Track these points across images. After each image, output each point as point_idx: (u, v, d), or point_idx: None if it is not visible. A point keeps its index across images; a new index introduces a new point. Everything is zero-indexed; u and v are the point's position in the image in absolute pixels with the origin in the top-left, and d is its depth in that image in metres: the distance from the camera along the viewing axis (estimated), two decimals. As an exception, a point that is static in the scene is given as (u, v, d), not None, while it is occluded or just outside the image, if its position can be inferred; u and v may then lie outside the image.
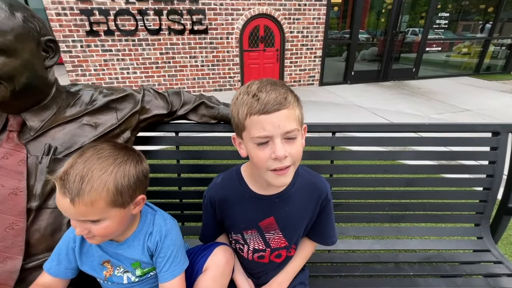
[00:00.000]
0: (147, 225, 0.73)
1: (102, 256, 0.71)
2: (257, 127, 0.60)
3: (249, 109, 0.60)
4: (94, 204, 0.57)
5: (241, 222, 0.78)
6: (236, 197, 0.76)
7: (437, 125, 1.06)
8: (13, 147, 0.74)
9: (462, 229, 1.18)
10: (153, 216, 0.75)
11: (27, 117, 0.76)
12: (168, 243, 0.71)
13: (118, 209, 0.61)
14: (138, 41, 5.11)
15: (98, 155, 0.61)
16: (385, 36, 6.38)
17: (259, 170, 0.66)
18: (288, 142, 0.62)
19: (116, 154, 0.63)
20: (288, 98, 0.61)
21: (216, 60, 5.61)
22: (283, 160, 0.61)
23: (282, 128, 0.59)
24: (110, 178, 0.59)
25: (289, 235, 0.79)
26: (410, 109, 4.56)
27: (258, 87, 0.61)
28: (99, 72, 5.21)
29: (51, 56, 0.76)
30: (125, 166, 0.62)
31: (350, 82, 6.44)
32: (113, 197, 0.59)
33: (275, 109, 0.58)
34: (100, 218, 0.59)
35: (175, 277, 0.70)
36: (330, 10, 5.71)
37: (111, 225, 0.61)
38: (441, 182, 1.13)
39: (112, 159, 0.61)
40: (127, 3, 4.80)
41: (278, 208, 0.75)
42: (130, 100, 0.94)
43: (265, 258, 0.81)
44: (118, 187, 0.60)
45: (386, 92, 5.74)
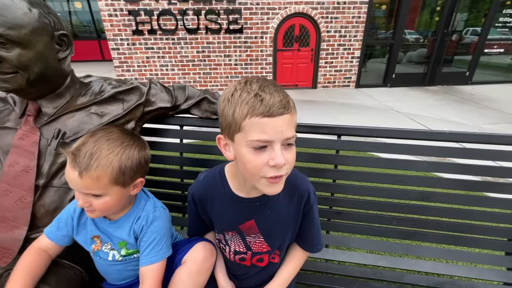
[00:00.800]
0: (138, 209, 0.77)
1: (94, 231, 0.77)
2: (257, 130, 0.55)
3: (251, 109, 0.54)
4: (99, 179, 0.64)
5: (222, 223, 0.76)
6: (217, 197, 0.74)
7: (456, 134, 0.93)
8: (29, 129, 0.83)
9: (489, 257, 1.02)
10: (146, 202, 0.79)
11: (43, 103, 0.85)
12: (152, 229, 0.74)
13: (119, 188, 0.68)
14: (177, 39, 5.40)
15: (107, 136, 0.68)
16: (435, 36, 5.81)
17: (251, 176, 0.61)
18: (286, 148, 0.58)
19: (124, 138, 0.70)
20: (290, 102, 0.58)
21: (249, 59, 5.67)
22: (280, 169, 0.57)
23: (284, 134, 0.55)
24: (115, 158, 0.66)
25: (271, 240, 0.75)
26: (457, 117, 4.09)
27: (259, 86, 0.56)
28: (142, 68, 5.63)
29: (63, 49, 0.84)
30: (130, 150, 0.69)
31: (390, 85, 6.01)
32: (116, 176, 0.66)
33: (280, 112, 0.54)
34: (102, 193, 0.66)
35: (153, 263, 0.72)
36: (372, 8, 5.38)
37: (110, 201, 0.68)
38: (462, 199, 0.99)
39: (119, 142, 0.69)
40: (169, 4, 5.10)
41: (258, 212, 0.72)
42: (136, 92, 0.99)
43: (247, 261, 0.79)
44: (121, 167, 0.66)
45: (430, 97, 5.23)
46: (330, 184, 1.06)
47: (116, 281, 0.82)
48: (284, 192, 0.71)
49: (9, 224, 0.78)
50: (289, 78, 5.98)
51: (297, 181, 0.74)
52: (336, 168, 1.05)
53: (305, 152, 1.04)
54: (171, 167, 1.17)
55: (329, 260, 1.07)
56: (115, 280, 0.82)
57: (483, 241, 1.01)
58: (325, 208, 1.09)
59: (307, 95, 5.56)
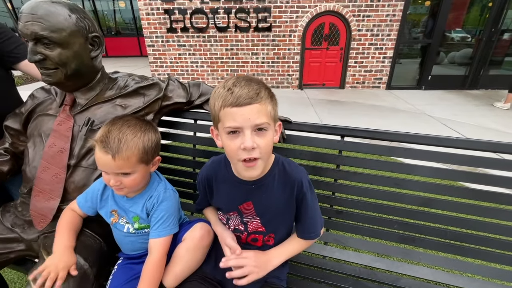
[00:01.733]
0: (152, 189, 0.89)
1: (113, 206, 0.90)
2: (229, 119, 0.65)
3: (223, 101, 0.65)
4: (129, 159, 0.76)
5: (224, 203, 0.85)
6: (221, 179, 0.84)
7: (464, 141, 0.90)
8: (66, 117, 0.98)
9: (496, 271, 0.98)
10: (158, 184, 0.91)
11: (77, 95, 0.99)
12: (162, 208, 0.85)
13: (143, 165, 0.81)
14: (207, 37, 5.60)
15: (127, 124, 0.81)
16: (481, 35, 5.32)
17: (232, 159, 0.72)
18: (258, 134, 0.66)
19: (140, 124, 0.83)
20: (261, 94, 0.65)
21: (276, 58, 5.70)
22: (251, 152, 0.65)
23: (252, 121, 0.64)
24: (139, 141, 0.79)
25: (267, 222, 0.83)
26: (497, 125, 3.75)
27: (233, 82, 0.66)
28: (174, 65, 5.94)
29: (95, 49, 0.97)
30: (148, 133, 0.82)
31: (424, 88, 5.65)
32: (142, 155, 0.79)
33: (247, 102, 0.63)
34: (131, 171, 0.78)
35: (160, 237, 0.83)
36: (408, 5, 5.09)
37: (137, 177, 0.81)
38: (469, 209, 0.96)
39: (138, 127, 0.81)
40: (202, 3, 5.30)
41: (255, 194, 0.80)
42: (156, 87, 1.10)
43: (242, 239, 0.87)
44: (145, 148, 0.80)
45: (469, 102, 4.83)
46: (332, 183, 1.09)
47: (129, 251, 0.94)
48: (278, 179, 0.80)
49: (46, 195, 0.94)
50: (316, 77, 5.90)
51: (291, 170, 0.81)
52: (338, 168, 1.07)
53: (307, 150, 1.08)
54: (185, 157, 1.28)
55: (326, 257, 1.10)
56: (128, 250, 0.94)
57: (490, 254, 0.97)
58: (326, 207, 1.12)
59: (334, 95, 5.45)
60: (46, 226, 0.94)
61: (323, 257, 1.11)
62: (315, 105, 4.79)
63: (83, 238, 0.90)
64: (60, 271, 0.74)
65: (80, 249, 0.86)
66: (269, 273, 0.89)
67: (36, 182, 0.94)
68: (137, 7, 5.51)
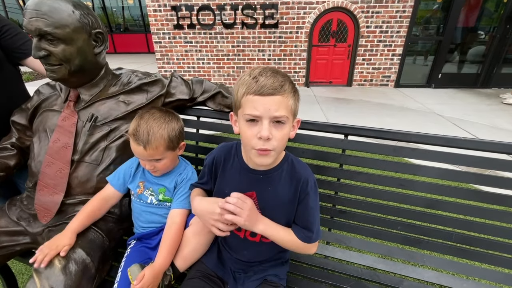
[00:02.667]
0: (181, 169, 1.00)
1: (142, 178, 0.98)
2: (250, 106, 0.65)
3: (247, 88, 0.65)
4: (158, 148, 0.86)
5: (227, 187, 0.83)
6: (229, 162, 0.84)
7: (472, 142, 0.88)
8: (70, 113, 0.99)
9: (503, 275, 0.95)
10: (186, 166, 1.02)
11: (82, 91, 1.00)
12: (187, 185, 0.95)
13: (171, 152, 0.92)
14: (214, 34, 5.59)
15: (153, 117, 0.89)
16: (495, 32, 5.16)
17: (245, 146, 0.73)
18: (275, 126, 0.67)
19: (165, 116, 0.91)
20: (285, 87, 0.66)
21: (283, 55, 5.65)
22: (266, 142, 0.66)
23: (272, 112, 0.64)
24: (165, 132, 0.88)
25: (267, 216, 0.80)
26: (510, 125, 3.64)
27: (260, 71, 0.67)
28: (180, 61, 5.95)
29: (99, 45, 0.97)
30: (171, 123, 0.91)
31: (434, 86, 5.51)
32: (168, 143, 0.89)
33: (270, 93, 0.64)
34: (161, 157, 0.89)
35: (180, 208, 0.92)
36: (419, 1, 4.96)
37: (168, 161, 0.92)
38: (477, 212, 0.93)
39: (163, 119, 0.90)
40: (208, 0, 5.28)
41: (261, 185, 0.79)
42: (159, 84, 1.10)
43: (241, 232, 0.85)
44: (170, 137, 0.89)
45: (482, 101, 4.70)
46: (335, 183, 1.07)
47: (145, 224, 0.98)
48: (285, 174, 0.79)
49: (50, 189, 0.95)
50: (323, 74, 5.83)
51: (298, 167, 0.80)
52: (341, 167, 1.06)
53: (311, 149, 1.06)
54: (187, 154, 1.28)
55: (328, 257, 1.09)
56: (144, 222, 0.98)
57: (497, 258, 0.94)
58: (328, 206, 1.10)
59: (341, 92, 5.37)
60: (51, 220, 0.95)
61: (324, 256, 1.10)
62: (321, 103, 4.74)
63: (86, 232, 0.91)
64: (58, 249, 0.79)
65: (84, 243, 0.87)
66: (268, 271, 0.88)
67: (41, 177, 0.96)
68: (145, 3, 5.53)
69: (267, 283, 0.84)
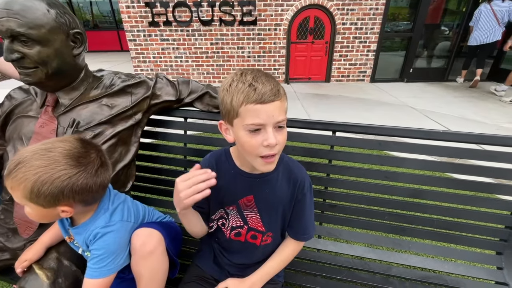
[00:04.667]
0: (92, 222, 0.75)
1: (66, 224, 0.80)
2: (252, 115, 0.64)
3: (246, 97, 0.63)
4: (13, 189, 0.62)
5: (224, 196, 0.82)
6: (222, 171, 0.81)
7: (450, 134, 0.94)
8: (48, 118, 0.93)
9: (478, 255, 1.04)
10: (101, 215, 0.75)
11: (60, 95, 0.94)
12: (99, 245, 0.72)
13: (35, 206, 0.64)
14: (191, 31, 5.46)
15: (45, 152, 0.63)
16: (459, 29, 5.52)
17: (248, 155, 0.70)
18: (277, 131, 0.67)
19: (61, 160, 0.63)
20: (280, 90, 0.66)
21: (262, 52, 5.66)
22: (273, 148, 0.66)
23: (275, 118, 0.64)
24: (32, 178, 0.60)
25: (266, 218, 0.82)
26: (476, 115, 3.93)
27: (253, 77, 0.65)
28: (157, 60, 5.76)
29: (78, 46, 0.92)
30: (54, 174, 0.61)
31: (406, 80, 5.81)
32: (28, 195, 0.61)
33: (271, 100, 0.63)
34: (21, 202, 0.65)
35: (91, 278, 0.72)
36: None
37: (32, 213, 0.67)
38: (453, 198, 1.00)
39: (50, 162, 0.61)
40: (184, -4, 5.14)
41: (258, 188, 0.80)
42: (143, 86, 1.06)
43: (242, 236, 0.85)
44: (33, 189, 0.60)
45: (450, 94, 5.03)
46: (324, 178, 1.10)
47: None
48: (282, 176, 0.80)
49: (31, 201, 0.89)
50: (302, 71, 5.92)
51: (294, 168, 0.82)
52: (330, 163, 1.09)
53: (300, 146, 1.08)
54: (176, 156, 1.25)
55: (320, 250, 1.13)
56: None
57: (473, 240, 1.03)
58: (319, 201, 1.13)
59: (320, 89, 5.49)
60: (33, 234, 0.90)
61: (317, 250, 1.14)
62: (302, 99, 4.82)
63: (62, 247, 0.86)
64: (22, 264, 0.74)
65: (70, 254, 0.83)
66: None
67: (19, 188, 0.89)
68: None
69: (267, 282, 0.85)
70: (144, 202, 1.28)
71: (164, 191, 1.28)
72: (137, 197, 1.29)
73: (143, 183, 1.28)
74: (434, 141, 0.97)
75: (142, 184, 1.28)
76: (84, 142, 0.71)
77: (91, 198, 0.70)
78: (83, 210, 0.72)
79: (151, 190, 1.28)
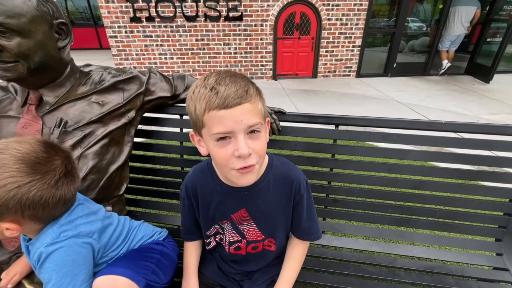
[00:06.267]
0: (38, 238, 0.61)
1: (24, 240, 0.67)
2: (216, 123, 0.56)
3: (208, 104, 0.55)
4: None
5: (215, 212, 0.76)
6: (208, 188, 0.75)
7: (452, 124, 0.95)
8: (31, 118, 0.85)
9: (478, 243, 1.06)
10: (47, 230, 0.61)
11: (44, 92, 0.86)
12: (48, 267, 0.59)
13: None
14: (176, 27, 5.31)
15: None
16: (438, 25, 5.70)
17: (222, 168, 0.64)
18: (251, 137, 0.58)
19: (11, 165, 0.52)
20: (250, 91, 0.57)
21: (249, 48, 5.60)
22: (247, 159, 0.57)
23: (245, 123, 0.56)
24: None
25: (264, 228, 0.77)
26: (457, 107, 4.09)
27: (216, 80, 0.57)
28: (140, 57, 5.56)
29: (63, 38, 0.84)
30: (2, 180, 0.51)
31: (391, 75, 5.95)
32: None
33: (236, 103, 0.55)
34: None
35: None
36: (374, -5, 5.27)
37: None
38: (455, 188, 1.02)
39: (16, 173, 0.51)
40: (167, -10, 4.98)
41: (249, 201, 0.73)
42: (136, 81, 0.99)
43: (242, 250, 0.80)
44: None
45: (431, 87, 5.20)
46: (327, 173, 1.09)
47: None
48: (274, 183, 0.73)
49: (16, 210, 0.81)
50: (289, 67, 5.92)
51: (288, 171, 0.75)
52: (333, 157, 1.07)
53: (303, 141, 1.06)
54: (172, 155, 1.19)
55: (325, 246, 1.11)
56: None
57: (473, 228, 1.05)
58: (322, 196, 1.12)
59: (307, 84, 5.52)
60: (19, 246, 0.82)
61: (321, 246, 1.12)
62: (290, 95, 4.81)
63: None
64: None
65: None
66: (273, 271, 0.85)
67: (2, 196, 0.80)
68: (95, -6, 5.02)
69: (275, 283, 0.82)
70: (138, 205, 1.23)
71: (160, 193, 1.22)
72: (131, 200, 1.23)
73: (137, 185, 1.21)
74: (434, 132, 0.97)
75: (136, 186, 1.21)
76: (48, 145, 0.60)
77: (46, 214, 0.57)
78: (34, 229, 0.59)
79: (146, 192, 1.21)
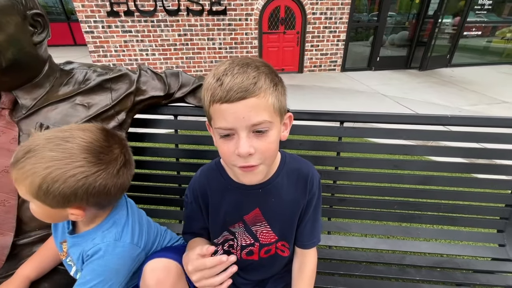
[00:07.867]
0: (93, 236, 0.61)
1: (64, 235, 0.66)
2: (219, 117, 0.51)
3: (212, 96, 0.50)
4: (16, 181, 0.52)
5: (226, 215, 0.71)
6: (218, 188, 0.70)
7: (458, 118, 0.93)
8: (5, 125, 0.74)
9: (482, 235, 1.07)
10: (105, 230, 0.62)
11: (19, 94, 0.75)
12: (90, 267, 0.59)
13: (41, 204, 0.54)
14: (156, 22, 5.09)
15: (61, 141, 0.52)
16: (418, 19, 5.86)
17: (227, 164, 0.60)
18: (257, 136, 0.53)
19: (78, 154, 0.52)
20: (259, 83, 0.50)
21: (234, 43, 5.48)
22: (248, 158, 0.53)
23: (247, 121, 0.50)
24: (41, 173, 0.50)
25: (278, 228, 0.72)
26: (439, 99, 4.22)
27: (225, 68, 0.51)
28: (120, 53, 5.30)
29: (39, 32, 0.73)
30: (69, 171, 0.51)
31: (374, 69, 6.06)
32: (35, 192, 0.51)
33: (239, 97, 0.49)
34: (25, 197, 0.55)
35: None
36: (357, -11, 5.30)
37: (36, 209, 0.57)
38: (459, 182, 1.01)
39: (65, 155, 0.51)
40: (146, -17, 4.74)
41: (262, 199, 0.68)
42: (125, 80, 0.90)
43: (255, 254, 0.75)
44: (42, 186, 0.50)
45: (413, 80, 5.35)
46: (333, 172, 1.05)
47: None
48: (288, 180, 0.69)
49: (-7, 230, 0.70)
50: (275, 62, 5.86)
51: (301, 167, 0.71)
52: (339, 155, 1.03)
53: (307, 140, 1.01)
54: (167, 159, 1.11)
55: (332, 247, 1.08)
56: None
57: (476, 220, 1.05)
58: (328, 196, 1.08)
59: (294, 79, 5.50)
60: (1, 269, 0.72)
61: (328, 247, 1.09)
62: (278, 90, 4.77)
63: (57, 276, 0.71)
64: None
65: None
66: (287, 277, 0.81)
67: (-26, 216, 0.70)
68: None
69: None
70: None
71: (154, 200, 1.13)
72: (124, 209, 1.13)
73: (130, 192, 1.11)
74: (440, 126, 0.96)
75: (129, 193, 1.11)
76: (107, 133, 0.60)
77: (107, 201, 0.60)
78: (94, 215, 0.62)
79: (141, 199, 1.12)
